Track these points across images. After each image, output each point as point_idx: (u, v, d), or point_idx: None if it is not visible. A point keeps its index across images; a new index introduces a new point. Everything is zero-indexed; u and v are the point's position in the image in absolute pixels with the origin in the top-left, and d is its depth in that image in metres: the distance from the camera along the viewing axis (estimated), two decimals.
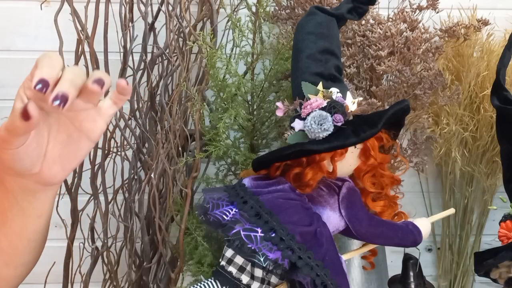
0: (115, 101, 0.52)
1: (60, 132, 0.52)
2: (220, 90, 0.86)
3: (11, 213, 0.57)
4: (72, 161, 0.54)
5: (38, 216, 0.58)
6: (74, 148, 0.53)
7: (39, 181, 0.54)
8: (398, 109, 0.64)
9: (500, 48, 1.00)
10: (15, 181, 0.54)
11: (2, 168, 0.53)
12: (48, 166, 0.53)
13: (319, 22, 0.69)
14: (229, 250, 0.61)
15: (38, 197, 0.56)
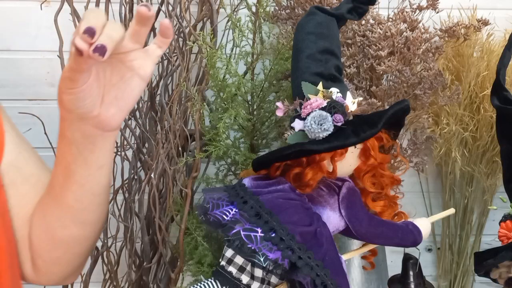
0: (159, 44, 0.57)
1: (113, 74, 0.56)
2: (220, 90, 0.86)
3: (75, 165, 0.61)
4: (127, 101, 0.58)
5: (99, 167, 0.61)
6: (127, 88, 0.57)
7: (98, 125, 0.58)
8: (398, 109, 0.64)
9: (500, 48, 1.00)
10: (76, 127, 0.58)
11: (63, 115, 0.57)
12: (105, 107, 0.57)
13: (319, 22, 0.69)
14: (229, 250, 0.61)
15: (98, 145, 0.59)
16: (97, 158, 0.61)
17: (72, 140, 0.59)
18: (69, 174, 0.61)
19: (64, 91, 0.54)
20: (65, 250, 0.67)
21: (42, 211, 0.66)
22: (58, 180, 0.63)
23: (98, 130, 0.58)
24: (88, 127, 0.57)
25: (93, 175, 0.62)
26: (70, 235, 0.66)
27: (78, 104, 0.55)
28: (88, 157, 0.60)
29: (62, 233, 0.65)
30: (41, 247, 0.67)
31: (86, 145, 0.59)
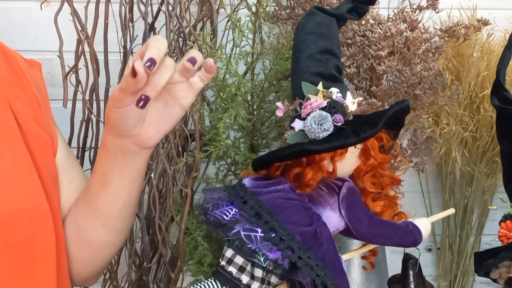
0: (202, 78, 0.62)
1: (158, 100, 0.61)
2: (220, 90, 0.85)
3: (111, 175, 0.65)
4: (166, 125, 0.63)
5: (133, 180, 0.66)
6: (168, 113, 0.62)
7: (137, 142, 0.62)
8: (398, 109, 0.64)
9: (500, 48, 1.00)
10: (117, 142, 0.63)
11: (107, 128, 0.63)
12: (145, 128, 0.62)
13: (319, 22, 0.69)
14: (229, 250, 0.61)
15: (135, 159, 0.64)
16: (132, 171, 0.65)
17: (112, 152, 0.64)
18: (105, 182, 0.66)
19: (111, 109, 0.59)
20: (91, 253, 0.71)
21: (75, 213, 0.70)
22: (94, 186, 0.68)
23: (136, 147, 0.63)
24: (127, 143, 0.62)
25: (127, 186, 0.66)
26: (98, 239, 0.70)
27: (122, 122, 0.60)
28: (124, 169, 0.65)
29: (92, 236, 0.70)
30: (70, 247, 0.70)
31: (123, 159, 0.64)
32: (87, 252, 0.71)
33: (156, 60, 0.55)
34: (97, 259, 0.72)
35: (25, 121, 0.66)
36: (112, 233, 0.70)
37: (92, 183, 0.68)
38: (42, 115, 0.69)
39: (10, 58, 0.68)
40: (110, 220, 0.69)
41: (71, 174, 0.72)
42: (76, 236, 0.70)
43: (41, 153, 0.67)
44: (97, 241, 0.70)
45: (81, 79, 0.93)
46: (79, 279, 0.74)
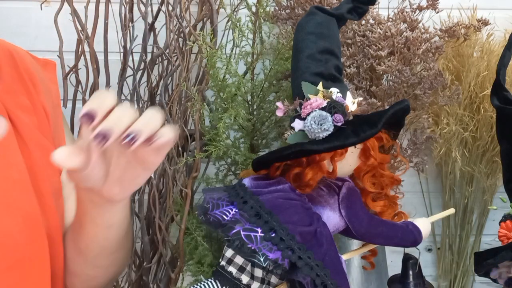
0: (160, 149, 0.54)
1: (120, 158, 0.55)
2: (220, 90, 0.85)
3: (84, 220, 0.63)
4: (130, 185, 0.58)
5: (108, 227, 0.63)
6: (132, 174, 0.56)
7: (102, 197, 0.58)
8: (398, 109, 0.64)
9: (500, 48, 1.00)
10: (84, 194, 0.60)
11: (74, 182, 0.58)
12: (109, 186, 0.56)
13: (319, 22, 0.69)
14: (229, 250, 0.61)
15: (105, 209, 0.60)
16: (104, 219, 0.62)
17: (82, 201, 0.61)
18: (80, 224, 0.64)
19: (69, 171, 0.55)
20: (79, 281, 0.70)
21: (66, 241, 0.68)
22: (74, 222, 0.66)
23: (103, 200, 0.59)
24: (94, 196, 0.59)
25: (101, 233, 0.63)
26: (82, 272, 0.68)
27: (81, 183, 0.56)
28: (96, 218, 0.62)
29: (74, 268, 0.68)
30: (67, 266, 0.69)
31: (93, 209, 0.61)
32: (75, 280, 0.70)
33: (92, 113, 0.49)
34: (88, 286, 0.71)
35: (27, 131, 0.64)
36: (95, 268, 0.68)
37: (75, 220, 0.66)
38: (48, 124, 0.67)
39: (19, 63, 0.67)
40: (91, 259, 0.67)
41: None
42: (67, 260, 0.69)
43: (44, 165, 0.65)
44: (82, 273, 0.69)
45: (81, 79, 0.92)
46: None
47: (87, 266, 0.68)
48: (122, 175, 0.56)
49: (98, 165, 0.54)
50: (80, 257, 0.67)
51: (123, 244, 0.68)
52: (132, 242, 0.72)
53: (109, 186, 0.56)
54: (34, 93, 0.66)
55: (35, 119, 0.66)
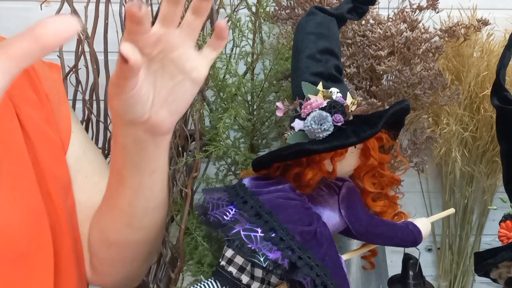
0: (214, 46, 0.54)
1: (165, 78, 0.54)
2: (220, 90, 0.85)
3: (126, 170, 0.60)
4: (178, 104, 0.55)
5: (151, 172, 0.60)
6: (179, 90, 0.54)
7: (149, 129, 0.55)
8: (398, 109, 0.64)
9: (500, 48, 1.00)
10: (127, 132, 0.56)
11: (114, 119, 0.56)
12: (155, 111, 0.54)
13: (319, 22, 0.69)
14: (229, 250, 0.61)
15: (149, 150, 0.58)
16: (148, 163, 0.59)
17: (124, 145, 0.58)
18: (121, 179, 0.61)
19: (113, 97, 0.53)
20: (118, 252, 0.67)
21: (98, 214, 0.67)
22: (111, 184, 0.63)
23: (149, 135, 0.57)
24: (138, 132, 0.56)
25: (145, 181, 0.61)
26: (123, 239, 0.66)
27: (128, 109, 0.53)
28: (139, 163, 0.59)
29: (115, 237, 0.65)
30: (96, 247, 0.67)
31: (137, 151, 0.58)
32: (113, 252, 0.67)
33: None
34: (127, 259, 0.68)
35: (33, 125, 0.63)
36: (137, 231, 0.65)
37: (110, 180, 0.63)
38: (53, 116, 0.66)
39: None
40: (133, 218, 0.64)
41: (87, 170, 0.68)
42: (100, 237, 0.67)
43: (51, 159, 0.64)
44: (122, 241, 0.66)
45: (81, 79, 0.92)
46: (111, 280, 0.70)
47: (130, 230, 0.64)
48: (168, 96, 0.54)
49: (145, 85, 0.52)
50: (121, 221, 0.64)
51: (163, 199, 0.65)
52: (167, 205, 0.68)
53: (156, 110, 0.54)
54: (39, 86, 0.65)
55: (43, 112, 0.64)
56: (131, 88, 0.51)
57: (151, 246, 0.69)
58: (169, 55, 0.53)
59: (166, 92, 0.54)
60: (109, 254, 0.67)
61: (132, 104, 0.53)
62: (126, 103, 0.52)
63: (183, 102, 0.56)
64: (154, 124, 0.55)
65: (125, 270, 0.69)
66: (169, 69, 0.54)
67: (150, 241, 0.68)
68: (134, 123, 0.55)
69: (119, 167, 0.60)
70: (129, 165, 0.59)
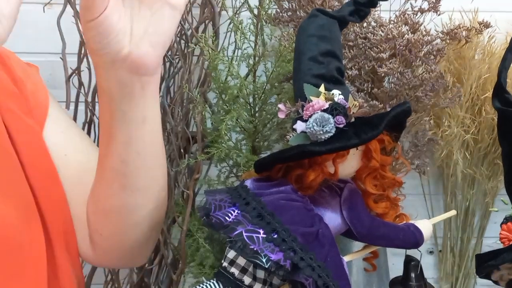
0: None
1: (142, 9, 0.52)
2: (222, 92, 0.86)
3: (115, 121, 0.57)
4: (159, 34, 0.53)
5: (141, 121, 0.57)
6: (158, 19, 0.52)
7: (132, 67, 0.53)
8: (400, 111, 0.64)
9: (502, 51, 1.01)
10: (110, 75, 0.54)
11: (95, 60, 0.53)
12: (135, 44, 0.52)
13: (321, 24, 0.69)
14: (231, 251, 0.61)
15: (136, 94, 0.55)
16: (136, 111, 0.56)
17: (109, 92, 0.55)
18: (111, 133, 0.58)
19: (84, 27, 0.50)
20: (117, 220, 0.64)
21: (93, 186, 0.64)
22: (103, 144, 0.60)
23: (134, 75, 0.54)
24: (121, 73, 0.53)
25: (136, 131, 0.58)
26: (118, 204, 0.63)
27: (102, 40, 0.50)
28: (127, 111, 0.56)
29: (111, 202, 0.63)
30: (94, 220, 0.65)
31: (123, 96, 0.55)
32: (113, 220, 0.64)
33: None
34: (127, 227, 0.65)
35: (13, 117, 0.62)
36: (133, 193, 0.62)
37: (101, 141, 0.60)
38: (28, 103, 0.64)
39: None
40: (128, 178, 0.61)
41: (68, 149, 0.66)
42: (96, 207, 0.64)
43: (32, 149, 0.62)
44: (119, 206, 0.63)
45: (83, 81, 0.93)
46: (117, 256, 0.68)
47: (126, 192, 0.62)
48: (147, 26, 0.52)
49: (117, 13, 0.50)
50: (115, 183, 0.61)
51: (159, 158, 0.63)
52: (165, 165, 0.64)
53: (136, 44, 0.52)
54: (14, 74, 0.64)
55: (22, 103, 0.63)
56: (99, 11, 0.49)
57: (150, 213, 0.66)
58: None
59: (145, 22, 0.52)
60: (108, 225, 0.65)
61: (106, 33, 0.50)
62: (98, 32, 0.50)
63: (164, 32, 0.53)
64: (136, 59, 0.53)
65: (128, 242, 0.67)
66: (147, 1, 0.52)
67: (149, 206, 0.65)
68: (115, 60, 0.52)
69: (107, 121, 0.58)
70: (117, 115, 0.56)
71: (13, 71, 0.65)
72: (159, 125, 0.61)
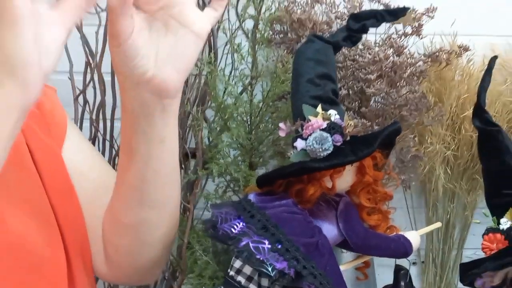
0: (215, 7, 0.57)
1: (168, 35, 0.55)
2: (220, 110, 0.90)
3: (135, 140, 0.60)
4: (182, 60, 0.56)
5: (160, 141, 0.60)
6: (182, 45, 0.55)
7: (155, 89, 0.56)
8: (392, 130, 0.70)
9: (480, 72, 1.06)
10: (134, 96, 0.57)
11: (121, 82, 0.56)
12: (159, 68, 0.55)
13: (317, 49, 0.74)
14: (237, 261, 0.65)
15: (157, 114, 0.58)
16: (156, 130, 0.59)
17: (132, 112, 0.58)
18: (130, 151, 0.61)
19: (112, 52, 0.53)
20: (133, 237, 0.67)
21: (111, 199, 0.67)
22: (122, 160, 0.63)
23: (156, 97, 0.56)
24: (145, 94, 0.56)
25: (154, 150, 0.60)
26: (136, 220, 0.65)
27: (129, 63, 0.53)
28: (147, 130, 0.59)
29: (128, 218, 0.65)
30: (111, 234, 0.68)
31: (145, 117, 0.58)
32: (129, 236, 0.67)
33: None
34: (143, 244, 0.68)
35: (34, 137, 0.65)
36: (150, 209, 0.65)
37: (121, 157, 0.64)
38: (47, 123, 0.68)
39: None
40: (145, 194, 0.63)
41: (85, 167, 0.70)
42: (113, 220, 0.67)
43: (52, 168, 0.66)
44: (136, 221, 0.66)
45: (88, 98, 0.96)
46: (131, 271, 0.71)
47: (142, 208, 0.64)
48: (171, 51, 0.55)
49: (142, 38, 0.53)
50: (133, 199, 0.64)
51: (174, 175, 0.66)
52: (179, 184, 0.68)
53: (159, 67, 0.55)
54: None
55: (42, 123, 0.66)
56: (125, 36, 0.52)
57: (165, 232, 0.68)
58: (170, 11, 0.54)
59: (169, 48, 0.55)
60: (124, 241, 0.67)
61: (131, 56, 0.53)
62: (125, 55, 0.53)
63: (187, 58, 0.56)
64: (159, 82, 0.55)
65: (142, 259, 0.69)
66: (171, 26, 0.55)
67: (165, 222, 0.68)
68: (138, 82, 0.55)
69: (128, 138, 0.61)
70: (137, 133, 0.59)
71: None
72: (177, 144, 0.64)
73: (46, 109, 0.69)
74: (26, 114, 0.48)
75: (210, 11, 0.57)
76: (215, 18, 0.57)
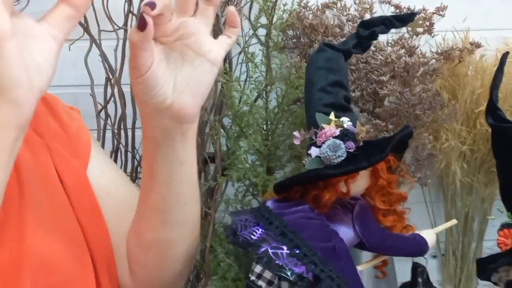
0: (228, 34, 0.60)
1: (185, 64, 0.58)
2: (237, 118, 0.93)
3: (157, 164, 0.62)
4: (199, 87, 0.59)
5: (180, 163, 0.63)
6: (199, 73, 0.58)
7: (175, 116, 0.59)
8: (404, 135, 0.72)
9: (493, 67, 1.07)
10: (154, 123, 0.59)
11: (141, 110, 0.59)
12: (178, 95, 0.58)
13: (328, 58, 0.77)
14: (257, 266, 0.68)
15: (177, 139, 0.61)
16: (177, 154, 0.62)
17: (153, 138, 0.61)
18: (152, 174, 0.64)
19: (133, 82, 0.56)
20: (156, 253, 0.69)
21: (134, 219, 0.70)
22: (144, 182, 0.66)
23: (176, 123, 0.59)
24: (165, 121, 0.59)
25: (175, 173, 0.63)
26: (159, 238, 0.68)
27: (149, 92, 0.56)
28: (169, 154, 0.61)
29: (152, 236, 0.68)
30: (135, 251, 0.70)
31: (165, 141, 0.60)
32: (152, 253, 0.69)
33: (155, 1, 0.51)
34: (167, 260, 0.70)
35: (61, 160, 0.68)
36: (172, 228, 0.67)
37: (143, 181, 0.66)
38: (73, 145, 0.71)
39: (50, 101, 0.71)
40: (167, 215, 0.66)
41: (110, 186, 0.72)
42: (137, 239, 0.69)
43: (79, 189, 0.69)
44: (159, 240, 0.68)
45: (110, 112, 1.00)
46: (156, 285, 0.72)
47: (165, 228, 0.67)
48: (189, 80, 0.58)
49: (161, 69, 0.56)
50: (155, 219, 0.66)
51: (194, 194, 0.68)
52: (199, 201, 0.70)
53: (178, 96, 0.57)
54: (61, 117, 0.70)
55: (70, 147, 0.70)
56: (146, 68, 0.54)
57: (188, 245, 0.71)
58: (186, 41, 0.57)
59: (186, 76, 0.58)
60: (148, 257, 0.70)
61: (151, 86, 0.56)
62: (145, 85, 0.55)
63: (204, 85, 0.59)
64: (179, 109, 0.58)
65: (168, 273, 0.71)
66: (187, 55, 0.58)
67: (187, 239, 0.70)
68: (158, 110, 0.58)
69: (150, 162, 0.63)
70: (159, 158, 0.62)
71: (61, 116, 0.72)
72: (195, 166, 0.66)
73: (72, 131, 0.72)
74: (24, 132, 0.50)
75: (224, 39, 0.59)
76: (229, 45, 0.60)
